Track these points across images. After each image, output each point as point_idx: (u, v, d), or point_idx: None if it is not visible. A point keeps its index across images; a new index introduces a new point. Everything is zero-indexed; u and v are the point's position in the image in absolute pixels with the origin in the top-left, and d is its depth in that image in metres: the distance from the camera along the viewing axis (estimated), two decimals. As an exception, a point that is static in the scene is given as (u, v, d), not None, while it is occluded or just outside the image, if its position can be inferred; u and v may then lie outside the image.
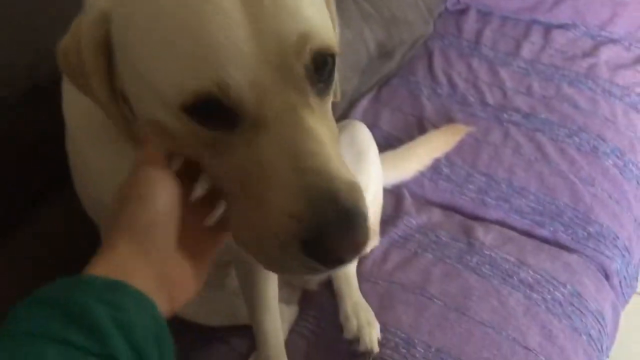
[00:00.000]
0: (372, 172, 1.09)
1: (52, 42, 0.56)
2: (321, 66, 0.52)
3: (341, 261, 0.49)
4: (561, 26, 1.69)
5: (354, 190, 0.50)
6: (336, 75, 0.60)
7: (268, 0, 0.48)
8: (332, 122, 0.56)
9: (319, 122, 0.51)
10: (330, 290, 1.11)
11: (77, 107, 0.63)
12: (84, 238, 0.86)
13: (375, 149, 1.11)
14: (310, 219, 0.47)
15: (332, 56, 0.53)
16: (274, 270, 0.54)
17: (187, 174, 0.55)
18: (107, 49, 0.53)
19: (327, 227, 0.47)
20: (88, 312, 0.44)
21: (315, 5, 0.52)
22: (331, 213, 0.47)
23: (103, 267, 0.49)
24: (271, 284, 0.91)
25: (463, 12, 1.80)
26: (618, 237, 1.23)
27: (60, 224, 0.92)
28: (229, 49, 0.47)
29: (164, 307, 0.51)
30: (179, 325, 0.80)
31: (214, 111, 0.49)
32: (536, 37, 1.67)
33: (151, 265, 0.51)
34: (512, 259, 1.14)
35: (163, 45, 0.48)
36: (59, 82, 0.66)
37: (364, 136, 1.09)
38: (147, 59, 0.50)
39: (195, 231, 0.56)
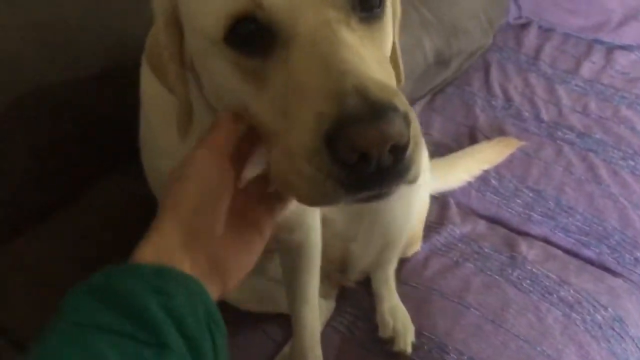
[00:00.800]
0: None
1: (133, 25, 0.60)
2: None
3: (367, 159, 0.44)
4: (624, 47, 1.66)
5: (387, 88, 0.46)
6: (400, 58, 0.64)
7: None
8: (384, 57, 0.55)
9: (359, 41, 0.50)
10: (368, 290, 1.13)
11: (153, 86, 0.67)
12: (142, 213, 0.90)
13: (426, 155, 1.12)
14: (334, 113, 0.44)
15: None
16: (307, 200, 0.50)
17: (241, 158, 0.56)
18: (177, 24, 0.57)
19: (350, 117, 0.44)
20: (138, 301, 0.43)
21: None
22: (356, 105, 0.44)
23: (151, 252, 0.48)
24: (313, 275, 0.94)
25: (524, 26, 1.79)
26: (667, 266, 1.20)
27: (119, 198, 0.96)
28: None
29: (215, 290, 0.51)
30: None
31: (252, 34, 0.50)
32: (597, 56, 1.65)
33: (200, 248, 0.50)
34: (554, 277, 1.13)
35: None
36: (136, 65, 0.70)
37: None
38: (202, 9, 0.53)
39: (248, 212, 0.56)
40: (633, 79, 1.56)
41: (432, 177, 1.26)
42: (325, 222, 1.09)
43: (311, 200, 0.49)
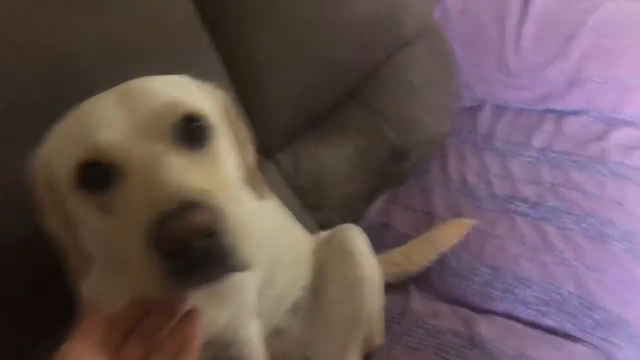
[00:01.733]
0: (363, 271, 1.15)
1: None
2: (193, 126, 0.65)
3: (186, 247, 0.53)
4: (574, 112, 1.72)
5: (200, 192, 0.56)
6: (257, 173, 0.79)
7: (138, 90, 0.66)
8: (215, 174, 0.65)
9: (186, 163, 0.60)
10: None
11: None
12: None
13: (366, 249, 1.17)
14: (156, 217, 0.54)
15: (203, 120, 0.66)
16: (156, 295, 0.58)
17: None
18: (53, 186, 0.69)
19: (166, 216, 0.54)
20: None
21: (185, 89, 0.70)
22: (172, 206, 0.54)
23: None
24: None
25: (479, 107, 1.87)
26: (630, 325, 1.20)
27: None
28: (101, 125, 0.62)
29: None
30: None
31: (98, 175, 0.61)
32: (549, 125, 1.71)
33: None
34: (511, 352, 1.14)
35: (65, 149, 0.65)
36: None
37: (351, 237, 1.17)
38: (61, 167, 0.65)
39: None
40: (583, 142, 1.60)
41: (391, 267, 1.32)
42: (280, 332, 1.16)
43: (156, 292, 0.57)
